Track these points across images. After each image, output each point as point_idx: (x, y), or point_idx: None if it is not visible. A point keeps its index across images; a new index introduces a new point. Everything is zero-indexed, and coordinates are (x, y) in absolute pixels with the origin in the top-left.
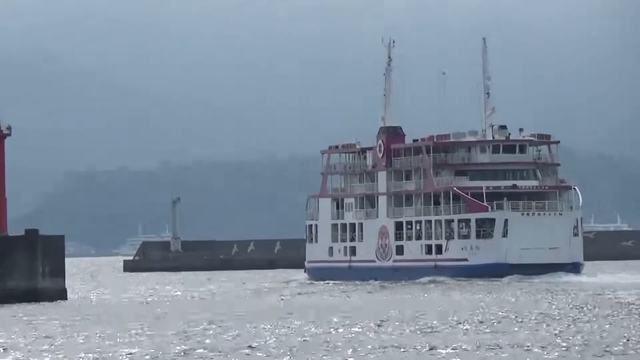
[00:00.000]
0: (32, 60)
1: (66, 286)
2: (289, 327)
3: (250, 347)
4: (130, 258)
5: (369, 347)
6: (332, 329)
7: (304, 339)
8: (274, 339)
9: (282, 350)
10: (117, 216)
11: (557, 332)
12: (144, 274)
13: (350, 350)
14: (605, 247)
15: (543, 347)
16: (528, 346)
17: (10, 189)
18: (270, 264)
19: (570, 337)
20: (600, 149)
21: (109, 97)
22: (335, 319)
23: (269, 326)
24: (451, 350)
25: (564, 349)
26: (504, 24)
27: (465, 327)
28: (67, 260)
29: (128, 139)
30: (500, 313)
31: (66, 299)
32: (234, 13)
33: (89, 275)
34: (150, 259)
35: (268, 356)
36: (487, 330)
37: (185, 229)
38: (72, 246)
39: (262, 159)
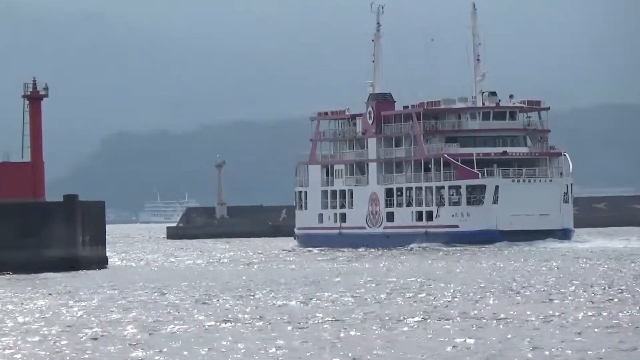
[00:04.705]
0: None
1: (107, 254)
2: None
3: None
4: (174, 224)
5: None
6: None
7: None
8: None
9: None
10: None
11: None
12: (188, 241)
13: None
14: None
15: None
16: None
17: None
18: None
19: None
20: None
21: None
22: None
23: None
24: None
25: None
26: None
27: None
28: (107, 227)
29: (166, 101)
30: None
31: (107, 267)
32: None
33: (131, 244)
34: (194, 225)
35: None
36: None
37: (228, 194)
38: (112, 212)
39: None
